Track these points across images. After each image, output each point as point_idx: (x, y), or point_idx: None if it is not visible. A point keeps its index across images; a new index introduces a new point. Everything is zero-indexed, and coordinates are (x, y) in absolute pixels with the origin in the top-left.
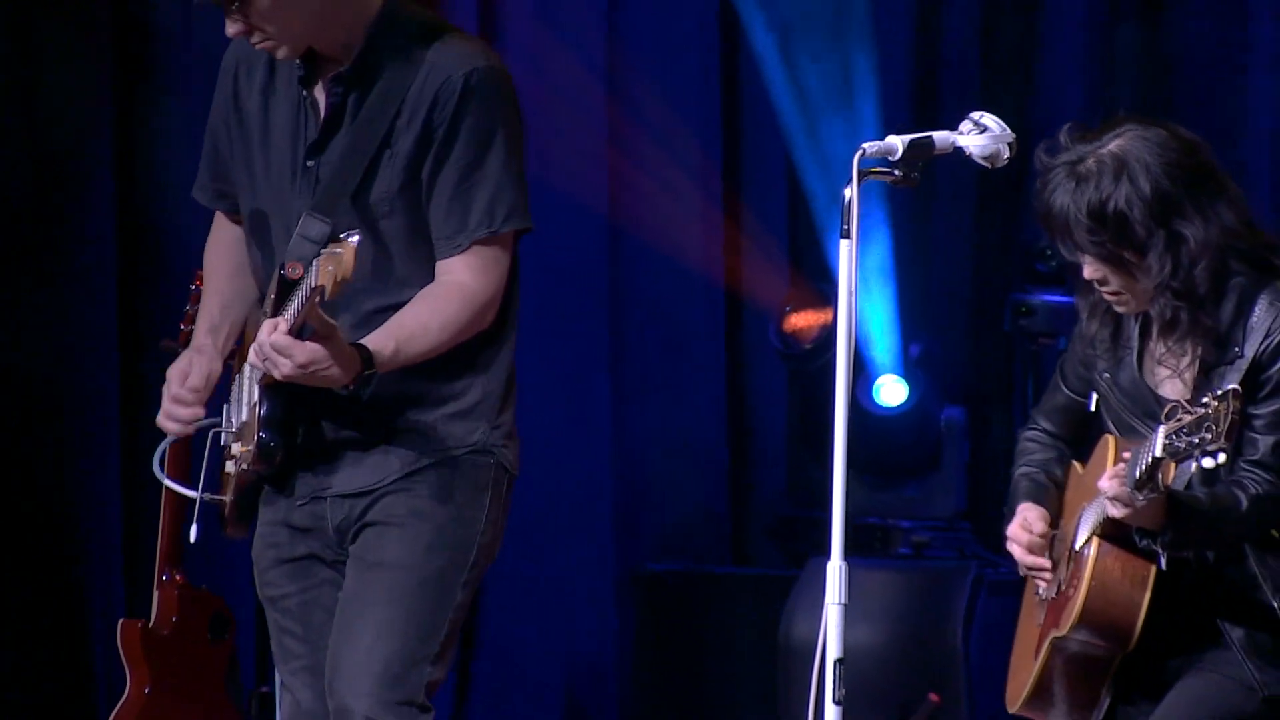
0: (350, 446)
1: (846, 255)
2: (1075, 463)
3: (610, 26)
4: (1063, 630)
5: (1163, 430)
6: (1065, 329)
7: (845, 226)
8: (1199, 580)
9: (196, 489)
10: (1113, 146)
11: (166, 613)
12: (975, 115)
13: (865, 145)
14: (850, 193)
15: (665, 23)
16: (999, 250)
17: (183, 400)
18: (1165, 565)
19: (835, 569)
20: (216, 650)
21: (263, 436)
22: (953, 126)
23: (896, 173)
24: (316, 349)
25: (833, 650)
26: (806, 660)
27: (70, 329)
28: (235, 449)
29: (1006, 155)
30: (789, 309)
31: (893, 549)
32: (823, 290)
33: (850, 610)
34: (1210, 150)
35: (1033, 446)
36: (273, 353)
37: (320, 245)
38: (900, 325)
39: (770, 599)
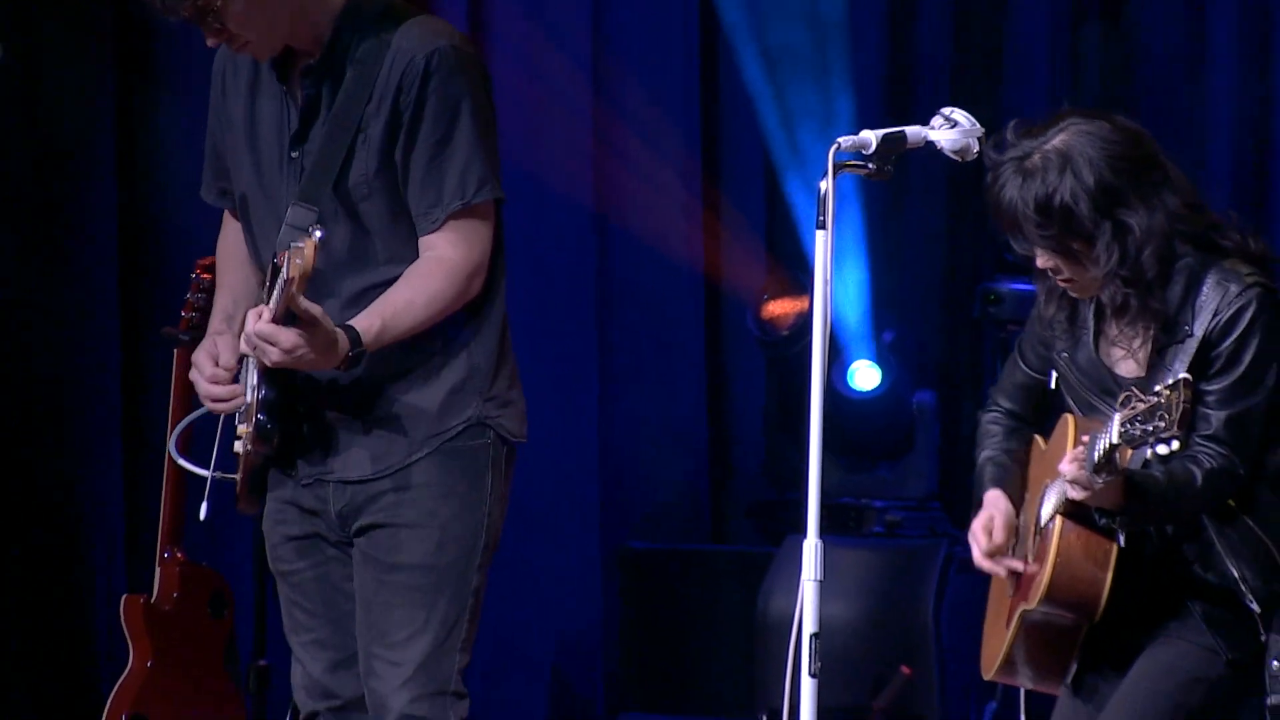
0: (348, 429)
1: (822, 245)
2: (1038, 437)
3: (595, 26)
4: (1031, 604)
5: (1118, 418)
6: None
7: (821, 218)
8: (1160, 553)
9: (206, 468)
10: (1056, 141)
11: (168, 589)
12: (946, 111)
13: (840, 140)
14: (825, 185)
15: (649, 23)
16: (969, 240)
17: (220, 379)
18: (1124, 543)
19: (811, 547)
20: (216, 626)
21: (260, 419)
22: (925, 122)
23: (870, 166)
24: (299, 334)
25: (809, 625)
26: (783, 634)
27: (72, 320)
28: (241, 430)
29: (976, 149)
30: (766, 297)
31: (866, 528)
32: (799, 279)
33: (825, 587)
34: (1152, 139)
35: (994, 429)
36: (259, 340)
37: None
38: (873, 312)
39: (749, 576)
